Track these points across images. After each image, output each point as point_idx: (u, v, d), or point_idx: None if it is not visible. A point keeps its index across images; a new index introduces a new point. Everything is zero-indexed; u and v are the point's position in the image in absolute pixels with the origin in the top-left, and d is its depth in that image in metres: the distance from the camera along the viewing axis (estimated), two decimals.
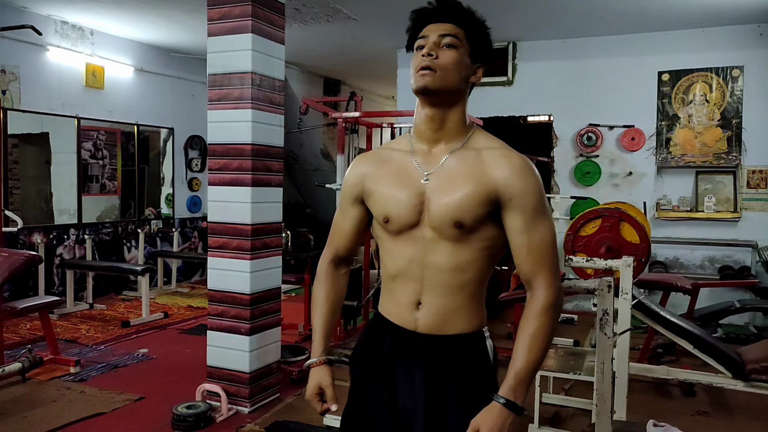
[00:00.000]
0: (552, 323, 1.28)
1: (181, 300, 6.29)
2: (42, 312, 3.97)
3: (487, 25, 1.38)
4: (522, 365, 1.25)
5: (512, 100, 6.32)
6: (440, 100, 1.33)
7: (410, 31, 1.37)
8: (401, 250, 1.37)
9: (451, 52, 1.30)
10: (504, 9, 5.19)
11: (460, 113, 1.36)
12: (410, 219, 1.34)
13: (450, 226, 1.30)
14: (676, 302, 4.85)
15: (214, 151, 3.30)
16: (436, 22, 1.33)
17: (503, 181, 1.29)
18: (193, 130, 7.38)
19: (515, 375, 1.25)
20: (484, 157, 1.33)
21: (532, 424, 3.02)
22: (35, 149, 5.97)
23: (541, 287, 1.29)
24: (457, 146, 1.35)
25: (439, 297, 1.35)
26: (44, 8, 5.39)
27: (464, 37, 1.32)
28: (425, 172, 1.34)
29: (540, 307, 1.28)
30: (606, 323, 2.03)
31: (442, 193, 1.31)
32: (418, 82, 1.30)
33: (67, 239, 5.95)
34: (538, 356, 1.26)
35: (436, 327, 1.36)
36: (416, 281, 1.36)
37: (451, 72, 1.30)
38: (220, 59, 3.24)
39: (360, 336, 1.54)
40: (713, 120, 5.63)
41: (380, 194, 1.38)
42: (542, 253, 1.29)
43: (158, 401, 3.43)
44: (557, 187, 6.15)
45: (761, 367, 3.02)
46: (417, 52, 1.33)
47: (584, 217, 3.48)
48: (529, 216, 1.28)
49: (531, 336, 1.26)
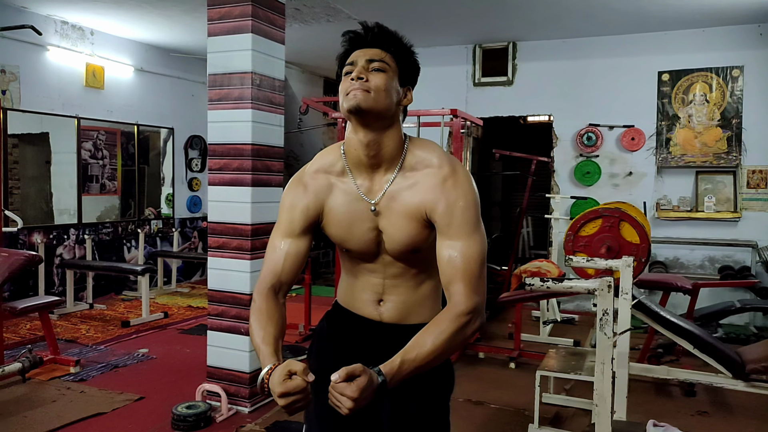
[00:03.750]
0: (458, 331, 1.23)
1: (181, 300, 6.29)
2: (42, 312, 3.97)
3: (413, 50, 1.41)
4: (410, 357, 1.19)
5: (512, 100, 6.32)
6: (374, 122, 1.31)
7: (340, 57, 1.37)
8: (361, 265, 1.44)
9: (380, 75, 1.31)
10: (504, 9, 5.19)
11: (395, 137, 1.35)
12: (369, 250, 1.40)
13: (407, 253, 1.38)
14: (676, 302, 4.85)
15: (214, 151, 3.30)
16: (364, 47, 1.34)
17: (431, 206, 1.32)
18: (193, 130, 7.39)
19: (401, 363, 1.19)
20: (421, 182, 1.34)
21: (532, 424, 3.02)
22: (35, 149, 5.96)
23: (460, 296, 1.26)
24: (395, 170, 1.36)
25: (399, 296, 1.43)
26: (44, 8, 5.39)
27: (392, 61, 1.34)
28: (371, 201, 1.37)
29: (454, 313, 1.25)
30: (606, 323, 2.03)
31: (393, 228, 1.36)
32: (350, 102, 1.28)
33: (67, 239, 5.95)
34: (433, 357, 1.21)
35: (400, 318, 1.43)
36: (377, 286, 1.44)
37: (382, 93, 1.30)
38: (220, 59, 3.24)
39: (319, 327, 1.56)
40: (713, 120, 5.63)
41: (335, 224, 1.40)
42: (465, 266, 1.28)
43: (158, 401, 3.43)
44: (557, 187, 6.15)
45: (761, 367, 3.02)
46: (345, 77, 1.33)
47: (584, 217, 3.49)
48: (456, 231, 1.30)
49: (438, 336, 1.22)
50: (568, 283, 2.12)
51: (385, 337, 1.42)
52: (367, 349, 1.44)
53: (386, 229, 1.37)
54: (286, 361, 1.22)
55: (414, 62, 1.41)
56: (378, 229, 1.38)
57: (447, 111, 4.23)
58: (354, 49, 1.35)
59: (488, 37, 6.20)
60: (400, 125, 1.38)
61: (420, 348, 1.21)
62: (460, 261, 1.28)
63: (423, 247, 1.37)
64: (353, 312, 1.48)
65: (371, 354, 1.39)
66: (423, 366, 1.21)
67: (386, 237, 1.37)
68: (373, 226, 1.37)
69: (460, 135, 4.33)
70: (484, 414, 3.36)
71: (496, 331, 5.17)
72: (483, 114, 6.15)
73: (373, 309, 1.45)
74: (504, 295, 4.34)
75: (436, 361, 1.22)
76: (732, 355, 3.14)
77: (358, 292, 1.47)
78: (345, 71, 1.33)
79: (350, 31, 1.37)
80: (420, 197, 1.33)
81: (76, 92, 5.96)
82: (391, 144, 1.35)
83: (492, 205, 9.12)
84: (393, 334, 1.41)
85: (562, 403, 3.42)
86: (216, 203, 3.31)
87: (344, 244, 1.42)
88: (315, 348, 1.56)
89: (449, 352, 1.25)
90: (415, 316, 1.43)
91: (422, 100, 6.38)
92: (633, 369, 3.19)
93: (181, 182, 7.39)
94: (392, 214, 1.35)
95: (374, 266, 1.43)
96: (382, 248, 1.39)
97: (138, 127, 6.74)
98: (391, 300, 1.43)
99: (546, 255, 6.40)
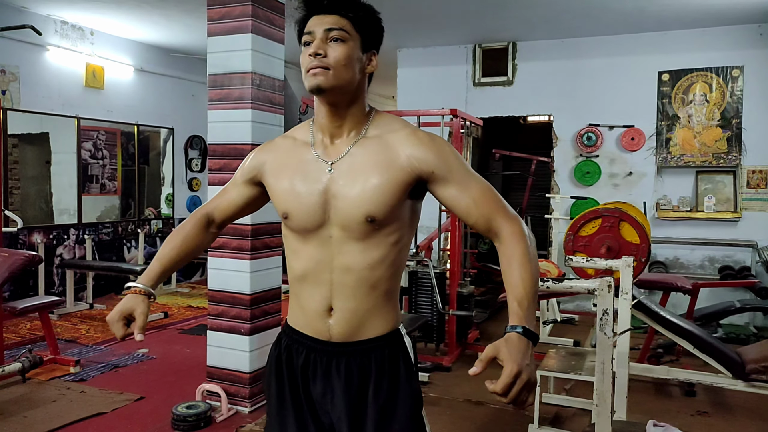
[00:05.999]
0: (531, 247, 1.23)
1: (181, 300, 6.29)
2: (42, 312, 3.97)
3: (375, 9, 1.31)
4: (522, 292, 1.17)
5: (512, 100, 6.32)
6: (337, 97, 1.27)
7: (298, 24, 1.30)
8: (307, 250, 1.31)
9: (339, 46, 1.24)
10: (504, 9, 5.19)
11: (360, 105, 1.31)
12: (313, 217, 1.28)
13: (360, 221, 1.25)
14: (676, 302, 4.85)
15: (214, 151, 3.30)
16: (321, 13, 1.26)
17: (418, 160, 1.25)
18: (193, 130, 7.38)
19: (519, 304, 1.16)
20: (390, 141, 1.28)
21: (532, 424, 3.02)
22: (35, 149, 5.96)
23: (504, 223, 1.25)
24: (359, 135, 1.30)
25: (351, 300, 1.29)
26: (44, 8, 5.38)
27: (352, 29, 1.26)
28: (329, 161, 1.29)
29: (512, 238, 1.23)
30: (606, 323, 2.03)
31: (349, 186, 1.26)
32: (311, 82, 1.24)
33: (67, 239, 5.95)
34: (533, 279, 1.19)
35: (352, 333, 1.30)
36: (325, 285, 1.30)
37: (343, 68, 1.24)
38: (220, 59, 3.24)
39: (271, 352, 1.44)
40: (713, 120, 5.63)
41: (279, 187, 1.33)
42: (489, 199, 1.26)
43: (158, 401, 3.43)
44: (557, 187, 6.15)
45: (761, 367, 3.02)
46: (305, 48, 1.26)
47: (584, 217, 3.49)
48: (460, 177, 1.26)
49: (519, 263, 1.20)
50: (568, 283, 2.12)
51: (337, 362, 1.31)
52: (311, 385, 1.35)
53: (340, 189, 1.26)
54: (143, 299, 1.31)
55: (376, 25, 1.32)
56: (329, 193, 1.27)
57: (447, 111, 4.22)
58: (311, 14, 1.27)
59: (488, 37, 6.20)
60: (365, 94, 1.33)
61: (521, 280, 1.18)
62: (483, 197, 1.25)
63: (379, 217, 1.24)
64: (300, 332, 1.36)
65: (315, 392, 1.34)
66: (534, 290, 1.19)
67: (339, 197, 1.26)
68: (324, 188, 1.27)
69: (460, 135, 4.33)
70: (484, 414, 3.36)
71: (496, 331, 5.17)
72: (483, 114, 6.15)
73: (321, 323, 1.31)
74: (504, 295, 4.34)
75: (537, 280, 1.21)
76: (732, 355, 3.14)
77: (305, 297, 1.33)
78: (304, 41, 1.27)
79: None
80: (389, 156, 1.26)
81: (76, 92, 5.96)
82: (355, 112, 1.30)
83: None
84: (345, 356, 1.31)
85: (562, 403, 3.42)
86: None
87: (284, 205, 1.31)
88: (265, 380, 1.45)
89: (537, 265, 1.23)
90: (369, 329, 1.31)
91: (422, 100, 6.44)
92: (633, 369, 3.19)
93: (181, 182, 7.39)
94: (349, 173, 1.26)
95: (320, 251, 1.29)
96: (330, 216, 1.27)
97: (138, 127, 6.74)
98: (341, 307, 1.30)
99: (546, 255, 6.40)
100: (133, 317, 1.30)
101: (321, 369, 1.33)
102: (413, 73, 6.72)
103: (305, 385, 1.35)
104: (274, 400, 1.40)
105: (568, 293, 3.24)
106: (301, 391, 1.35)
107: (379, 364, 1.31)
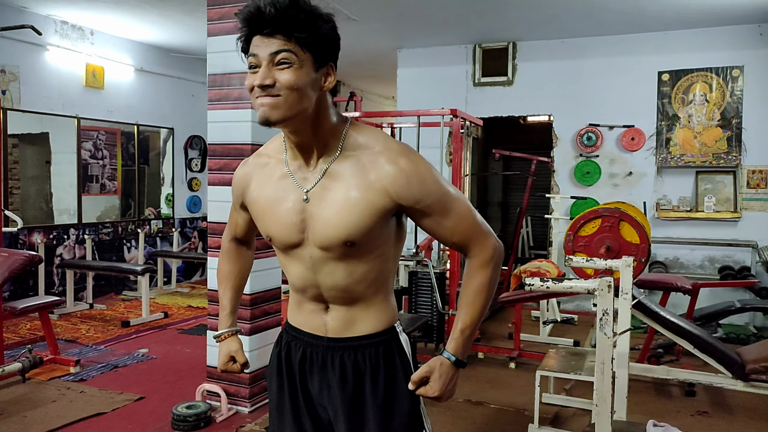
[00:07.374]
0: (492, 276, 1.29)
1: (181, 300, 6.29)
2: (42, 312, 3.97)
3: (326, 17, 1.17)
4: (466, 321, 1.28)
5: (512, 100, 6.32)
6: (295, 125, 1.20)
7: (242, 40, 1.20)
8: (294, 266, 1.32)
9: (288, 72, 1.13)
10: (504, 9, 5.19)
11: (326, 123, 1.23)
12: (292, 238, 1.27)
13: (339, 245, 1.23)
14: (676, 302, 4.85)
15: (214, 151, 3.30)
16: (263, 32, 1.14)
17: (398, 192, 1.21)
18: (193, 130, 7.39)
19: (461, 331, 1.28)
20: (366, 163, 1.22)
21: (532, 424, 3.02)
22: (35, 149, 5.96)
23: (475, 250, 1.29)
24: (334, 155, 1.24)
25: (342, 306, 1.32)
26: (44, 8, 5.39)
27: (300, 50, 1.14)
28: (304, 189, 1.25)
29: (478, 264, 1.29)
30: (606, 323, 2.03)
31: (326, 211, 1.22)
32: (260, 115, 1.15)
33: (67, 239, 5.95)
34: (480, 310, 1.29)
35: (346, 328, 1.33)
36: (317, 295, 1.33)
37: (295, 95, 1.14)
38: (220, 59, 3.24)
39: (273, 350, 1.48)
40: (713, 120, 5.63)
41: (260, 210, 1.32)
42: (465, 228, 1.28)
43: (158, 401, 3.43)
44: (557, 187, 6.15)
45: (761, 367, 3.02)
46: (251, 73, 1.17)
47: (584, 217, 3.49)
48: (440, 207, 1.25)
49: (474, 291, 1.28)
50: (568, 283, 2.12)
51: (333, 357, 1.33)
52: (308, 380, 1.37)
53: (316, 212, 1.23)
54: (233, 339, 1.52)
55: (329, 37, 1.18)
56: (305, 213, 1.25)
57: (447, 111, 4.22)
58: (254, 34, 1.16)
59: (488, 37, 6.20)
60: (329, 109, 1.24)
61: (470, 306, 1.29)
62: (460, 225, 1.27)
63: (358, 240, 1.22)
64: (299, 329, 1.38)
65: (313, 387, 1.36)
66: (480, 320, 1.30)
67: (316, 219, 1.23)
68: (300, 209, 1.25)
69: (460, 135, 4.33)
70: (484, 414, 3.36)
71: (496, 331, 5.18)
72: (483, 114, 6.16)
73: (318, 319, 1.34)
74: (504, 295, 4.34)
75: (486, 308, 1.31)
76: (732, 355, 3.14)
77: (302, 300, 1.37)
78: (249, 63, 1.17)
79: (245, 8, 1.15)
80: (366, 180, 1.20)
81: (76, 92, 5.96)
82: (323, 132, 1.23)
83: (492, 205, 9.12)
84: (340, 351, 1.32)
85: (562, 403, 3.42)
86: (216, 203, 3.31)
87: (265, 228, 1.31)
88: (268, 378, 1.50)
89: (492, 294, 1.31)
90: (363, 326, 1.32)
91: (422, 100, 6.44)
92: (633, 369, 3.19)
93: (181, 182, 7.39)
94: (326, 198, 1.22)
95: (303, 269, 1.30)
96: (308, 237, 1.26)
97: (138, 127, 6.74)
98: (336, 308, 1.33)
99: (546, 255, 6.40)
100: (233, 356, 1.51)
101: (317, 364, 1.35)
102: (413, 73, 6.72)
103: (303, 380, 1.38)
104: (274, 396, 1.43)
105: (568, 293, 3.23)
106: (299, 386, 1.38)
107: (373, 360, 1.32)
